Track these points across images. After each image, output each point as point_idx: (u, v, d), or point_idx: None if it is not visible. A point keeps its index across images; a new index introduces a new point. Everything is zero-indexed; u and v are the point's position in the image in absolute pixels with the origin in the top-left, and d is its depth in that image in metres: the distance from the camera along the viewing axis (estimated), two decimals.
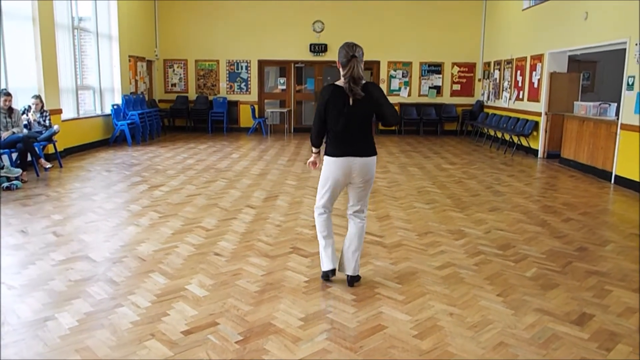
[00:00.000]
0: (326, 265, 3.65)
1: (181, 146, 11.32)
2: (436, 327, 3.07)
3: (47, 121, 8.18)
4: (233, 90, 14.78)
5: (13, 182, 6.62)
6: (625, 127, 7.67)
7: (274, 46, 14.47)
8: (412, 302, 3.41)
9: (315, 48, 14.38)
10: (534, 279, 3.88)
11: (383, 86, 14.57)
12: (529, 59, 11.27)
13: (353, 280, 3.66)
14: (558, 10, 10.03)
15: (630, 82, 7.63)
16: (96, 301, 3.34)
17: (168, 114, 14.36)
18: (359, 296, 3.49)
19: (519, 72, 11.84)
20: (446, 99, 14.78)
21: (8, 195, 6.28)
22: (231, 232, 4.95)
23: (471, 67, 14.70)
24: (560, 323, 3.16)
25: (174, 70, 14.72)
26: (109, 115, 11.28)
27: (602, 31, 8.47)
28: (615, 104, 8.49)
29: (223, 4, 14.23)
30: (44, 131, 8.01)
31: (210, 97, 14.69)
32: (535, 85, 10.90)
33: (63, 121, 9.17)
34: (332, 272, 3.67)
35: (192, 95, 14.74)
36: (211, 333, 2.95)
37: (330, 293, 3.54)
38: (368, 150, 3.47)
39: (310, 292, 3.56)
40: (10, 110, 7.44)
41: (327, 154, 3.50)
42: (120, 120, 11.19)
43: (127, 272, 3.86)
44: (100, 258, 4.16)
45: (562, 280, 3.87)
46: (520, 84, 11.74)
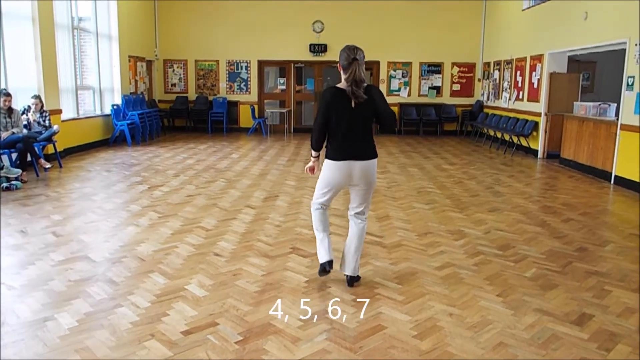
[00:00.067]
0: (323, 256, 3.61)
1: (181, 146, 11.32)
2: (436, 328, 3.07)
3: (47, 121, 8.18)
4: (233, 91, 14.78)
5: (13, 182, 6.62)
6: (625, 127, 7.67)
7: (273, 46, 14.47)
8: (411, 303, 3.41)
9: (315, 48, 14.38)
10: (534, 279, 3.88)
11: (383, 86, 14.58)
12: (528, 59, 11.28)
13: (353, 281, 3.67)
14: (558, 11, 10.03)
15: (630, 83, 7.63)
16: (96, 301, 3.34)
17: (168, 114, 14.36)
18: (359, 296, 3.49)
19: (518, 72, 11.84)
20: (446, 99, 14.78)
21: (8, 195, 6.28)
22: (231, 232, 4.95)
23: (471, 67, 14.70)
24: (560, 323, 3.16)
25: (173, 70, 14.73)
26: (108, 115, 11.28)
27: (601, 31, 8.48)
28: (615, 104, 8.49)
29: (223, 4, 14.23)
30: (43, 131, 8.01)
31: (210, 97, 14.69)
32: (535, 86, 10.90)
33: (63, 121, 9.17)
34: (330, 264, 3.61)
35: (191, 95, 14.74)
36: (211, 333, 2.95)
37: (330, 293, 3.54)
38: (369, 153, 3.46)
39: (310, 292, 3.56)
40: (10, 111, 7.44)
41: (328, 158, 3.49)
42: (120, 121, 11.19)
43: (126, 272, 3.86)
44: (99, 258, 4.16)
45: (561, 281, 3.87)
46: (520, 84, 11.74)
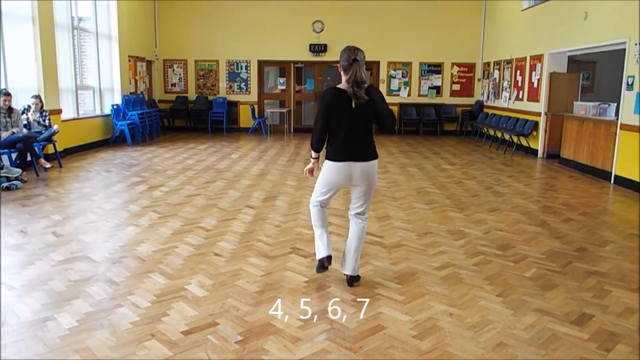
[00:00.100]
0: (322, 252, 3.58)
1: (181, 146, 11.32)
2: (436, 328, 3.07)
3: (47, 121, 8.18)
4: (233, 91, 14.78)
5: (13, 182, 6.62)
6: (624, 127, 7.67)
7: (273, 46, 14.47)
8: (411, 303, 3.41)
9: (315, 48, 14.38)
10: (534, 279, 3.88)
11: (383, 86, 14.59)
12: (528, 59, 11.28)
13: (352, 280, 3.67)
14: (558, 11, 10.03)
15: (630, 82, 7.63)
16: (96, 301, 3.34)
17: (168, 114, 14.35)
18: (359, 296, 3.49)
19: (518, 72, 11.84)
20: (446, 99, 14.78)
21: (7, 195, 6.28)
22: (231, 232, 4.95)
23: (471, 67, 14.70)
24: (560, 323, 3.16)
25: (173, 70, 14.72)
26: (108, 115, 11.28)
27: (601, 31, 8.48)
28: (615, 104, 8.50)
29: (223, 4, 14.23)
30: (43, 131, 8.01)
31: (210, 97, 14.69)
32: (535, 86, 10.91)
33: (63, 121, 9.17)
34: (328, 260, 3.58)
35: (191, 95, 14.74)
36: (211, 333, 2.95)
37: (330, 293, 3.54)
38: (369, 154, 3.45)
39: (309, 292, 3.56)
40: (9, 110, 7.44)
41: (328, 159, 3.48)
42: (120, 121, 11.19)
43: (126, 273, 3.86)
44: (99, 258, 4.16)
45: (561, 281, 3.87)
46: (519, 84, 11.74)
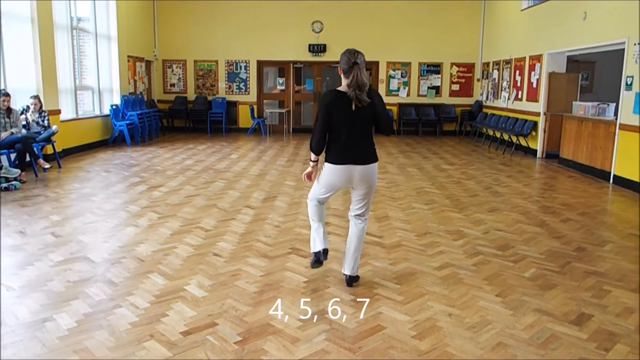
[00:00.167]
0: (318, 245, 3.59)
1: (180, 147, 11.32)
2: (435, 328, 3.07)
3: (46, 121, 8.18)
4: (232, 91, 14.78)
5: (12, 182, 6.61)
6: (623, 127, 7.68)
7: (272, 46, 14.47)
8: (411, 303, 3.42)
9: (314, 48, 14.38)
10: (533, 279, 3.88)
11: (382, 86, 14.59)
12: (527, 59, 11.28)
13: (352, 281, 3.67)
14: (557, 11, 10.04)
15: (629, 82, 7.64)
16: (95, 302, 3.34)
17: (167, 114, 14.35)
18: (358, 297, 3.50)
19: (517, 72, 11.84)
20: (445, 99, 14.79)
21: (7, 195, 6.27)
22: (230, 232, 4.95)
23: (470, 67, 14.70)
24: (559, 323, 3.17)
25: (172, 70, 14.72)
26: (107, 115, 11.27)
27: (600, 31, 8.48)
28: (614, 104, 8.50)
29: (222, 5, 14.22)
30: (42, 131, 8.00)
31: (209, 98, 14.68)
32: (534, 86, 10.91)
33: (62, 121, 9.17)
34: (324, 254, 3.60)
35: (191, 95, 14.73)
36: (210, 334, 2.95)
37: (329, 293, 3.54)
38: (369, 156, 3.45)
39: (309, 292, 3.56)
40: (8, 111, 7.43)
41: (328, 161, 3.47)
42: (119, 121, 11.18)
43: (125, 273, 3.85)
44: (99, 259, 4.15)
45: (560, 281, 3.87)
46: (519, 84, 11.75)
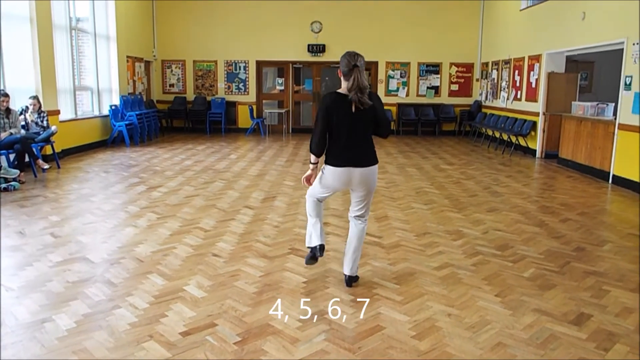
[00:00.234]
0: (314, 240, 3.59)
1: (179, 147, 11.31)
2: (434, 328, 3.07)
3: (45, 122, 8.17)
4: (231, 91, 14.78)
5: (11, 183, 6.61)
6: (622, 127, 7.68)
7: (272, 47, 14.46)
8: (410, 303, 3.42)
9: (313, 48, 14.38)
10: (532, 279, 3.88)
11: (381, 87, 14.60)
12: (526, 59, 11.29)
13: (351, 281, 3.67)
14: (556, 11, 10.05)
15: (628, 82, 7.64)
16: (94, 302, 3.33)
17: (166, 114, 14.34)
18: (358, 297, 3.49)
19: (516, 72, 11.85)
20: (444, 99, 14.79)
21: (6, 196, 6.26)
22: (229, 233, 4.95)
23: (469, 67, 14.70)
24: (558, 323, 3.17)
25: (172, 70, 14.71)
26: (106, 116, 11.26)
27: (599, 31, 8.49)
28: (613, 104, 8.51)
29: (221, 5, 14.22)
30: (41, 132, 7.99)
31: (209, 98, 14.67)
32: (533, 86, 10.92)
33: (61, 122, 9.16)
34: (321, 250, 3.60)
35: (190, 95, 14.72)
36: (209, 334, 2.95)
37: (329, 294, 3.54)
38: (369, 159, 3.45)
39: (308, 292, 3.56)
40: (7, 111, 7.42)
41: (328, 163, 3.47)
42: (118, 121, 11.18)
43: (125, 274, 3.85)
44: (98, 259, 4.15)
45: (560, 281, 3.87)
46: (518, 84, 11.75)
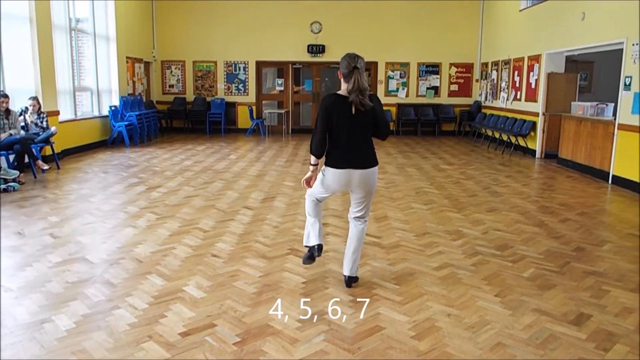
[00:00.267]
0: (312, 240, 3.61)
1: (179, 147, 11.31)
2: (434, 328, 3.07)
3: (45, 123, 8.16)
4: (231, 92, 14.77)
5: (10, 184, 6.60)
6: (622, 127, 7.68)
7: (271, 47, 14.46)
8: (409, 303, 3.41)
9: (313, 49, 14.38)
10: (532, 280, 3.88)
11: (381, 87, 14.60)
12: (526, 60, 11.29)
13: (351, 281, 3.67)
14: (555, 11, 10.05)
15: (628, 82, 7.64)
16: (93, 303, 3.33)
17: (166, 115, 14.34)
18: (357, 297, 3.49)
19: (516, 72, 11.85)
20: (444, 99, 14.79)
21: (5, 197, 6.26)
22: (229, 233, 4.94)
23: (469, 67, 14.71)
24: (558, 323, 3.16)
25: (171, 71, 14.71)
26: (106, 116, 11.26)
27: (599, 31, 8.49)
28: (613, 104, 8.50)
29: (221, 5, 14.22)
30: (41, 133, 7.99)
31: (208, 99, 14.67)
32: (533, 86, 10.92)
33: (60, 122, 9.15)
34: (319, 250, 3.61)
35: (189, 96, 14.72)
36: (209, 335, 2.95)
37: (328, 294, 3.54)
38: (369, 161, 3.44)
39: (308, 293, 3.55)
40: (7, 112, 7.42)
41: (328, 165, 3.47)
42: (118, 122, 11.18)
43: (124, 274, 3.85)
44: (97, 260, 4.15)
45: (559, 281, 3.87)
46: (517, 85, 11.75)
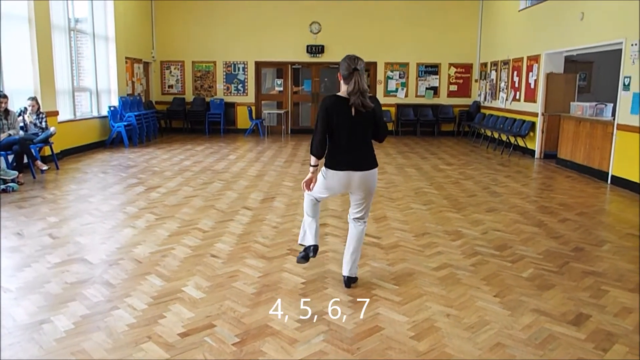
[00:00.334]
0: (309, 240, 3.61)
1: (178, 148, 11.30)
2: (433, 328, 3.07)
3: (44, 123, 8.15)
4: (230, 92, 14.77)
5: (9, 184, 6.60)
6: (621, 127, 7.69)
7: (270, 47, 14.46)
8: (409, 303, 3.41)
9: (312, 49, 14.38)
10: (531, 280, 3.88)
11: (380, 87, 14.60)
12: (525, 60, 11.30)
13: (350, 282, 3.67)
14: (554, 11, 10.06)
15: (627, 83, 7.65)
16: (92, 304, 3.33)
17: (165, 115, 14.33)
18: (356, 297, 3.49)
19: (515, 72, 11.86)
20: (443, 99, 14.79)
21: (4, 197, 6.25)
22: (228, 233, 4.94)
23: (468, 67, 14.71)
24: (557, 323, 3.17)
25: (170, 71, 14.71)
26: (105, 117, 11.25)
27: (598, 32, 8.50)
28: (612, 105, 8.51)
29: (220, 6, 14.21)
30: (40, 133, 7.98)
31: (207, 99, 14.67)
32: (532, 86, 10.92)
33: (59, 123, 9.14)
34: (314, 251, 3.63)
35: (189, 96, 14.71)
36: (208, 335, 2.95)
37: (327, 294, 3.54)
38: (369, 162, 3.44)
39: (307, 293, 3.55)
40: (6, 112, 7.41)
41: (327, 166, 3.47)
42: (117, 122, 11.17)
43: (123, 275, 3.85)
44: (96, 260, 4.15)
45: (558, 281, 3.87)
46: (516, 85, 11.76)
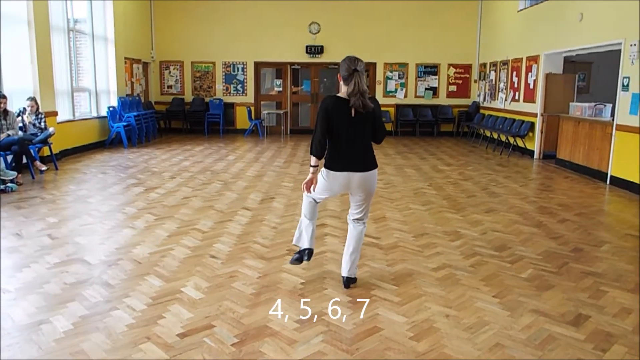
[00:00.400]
0: (305, 243, 3.62)
1: (177, 148, 11.30)
2: (432, 329, 3.07)
3: (43, 123, 8.15)
4: (229, 92, 14.77)
5: (8, 184, 6.59)
6: (620, 127, 7.69)
7: (270, 48, 14.47)
8: (408, 304, 3.41)
9: (312, 49, 14.38)
10: (530, 280, 3.89)
11: (379, 88, 14.61)
12: (524, 60, 11.31)
13: (349, 282, 3.67)
14: (553, 11, 10.06)
15: (626, 83, 7.66)
16: (91, 304, 3.32)
17: (164, 115, 14.33)
18: (355, 298, 3.49)
19: (514, 73, 11.86)
20: (442, 100, 14.80)
21: (3, 198, 6.25)
22: (227, 234, 4.94)
23: (467, 68, 14.72)
24: (556, 324, 3.17)
25: (170, 72, 14.70)
26: (104, 117, 11.25)
27: (597, 32, 8.51)
28: (611, 105, 8.52)
29: (219, 6, 14.22)
30: (39, 133, 7.98)
31: (207, 99, 14.67)
32: (531, 87, 10.93)
33: (59, 123, 9.14)
34: (309, 254, 3.63)
35: (188, 97, 14.71)
36: (207, 336, 2.94)
37: (327, 295, 3.54)
38: (368, 163, 3.45)
39: (306, 294, 3.55)
40: (5, 113, 7.40)
41: (327, 167, 3.46)
42: (116, 122, 11.16)
43: (122, 275, 3.84)
44: (95, 261, 4.14)
45: (557, 281, 3.88)
46: (516, 85, 11.77)
